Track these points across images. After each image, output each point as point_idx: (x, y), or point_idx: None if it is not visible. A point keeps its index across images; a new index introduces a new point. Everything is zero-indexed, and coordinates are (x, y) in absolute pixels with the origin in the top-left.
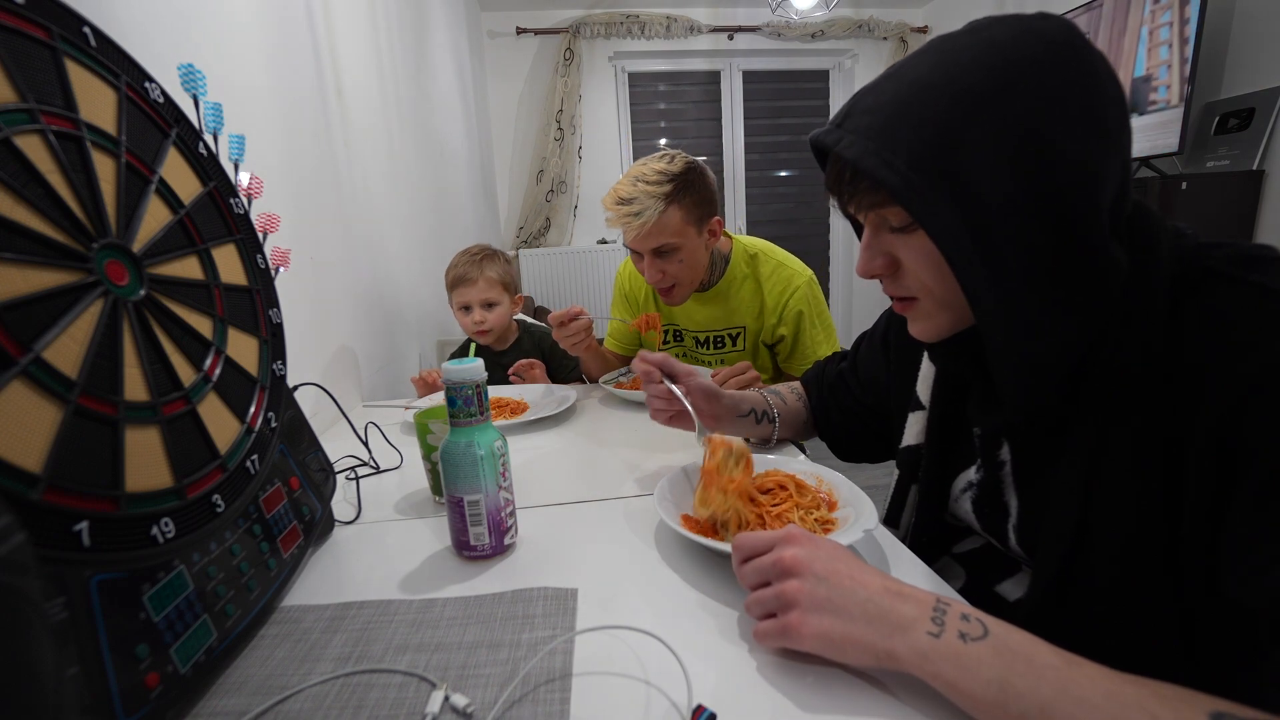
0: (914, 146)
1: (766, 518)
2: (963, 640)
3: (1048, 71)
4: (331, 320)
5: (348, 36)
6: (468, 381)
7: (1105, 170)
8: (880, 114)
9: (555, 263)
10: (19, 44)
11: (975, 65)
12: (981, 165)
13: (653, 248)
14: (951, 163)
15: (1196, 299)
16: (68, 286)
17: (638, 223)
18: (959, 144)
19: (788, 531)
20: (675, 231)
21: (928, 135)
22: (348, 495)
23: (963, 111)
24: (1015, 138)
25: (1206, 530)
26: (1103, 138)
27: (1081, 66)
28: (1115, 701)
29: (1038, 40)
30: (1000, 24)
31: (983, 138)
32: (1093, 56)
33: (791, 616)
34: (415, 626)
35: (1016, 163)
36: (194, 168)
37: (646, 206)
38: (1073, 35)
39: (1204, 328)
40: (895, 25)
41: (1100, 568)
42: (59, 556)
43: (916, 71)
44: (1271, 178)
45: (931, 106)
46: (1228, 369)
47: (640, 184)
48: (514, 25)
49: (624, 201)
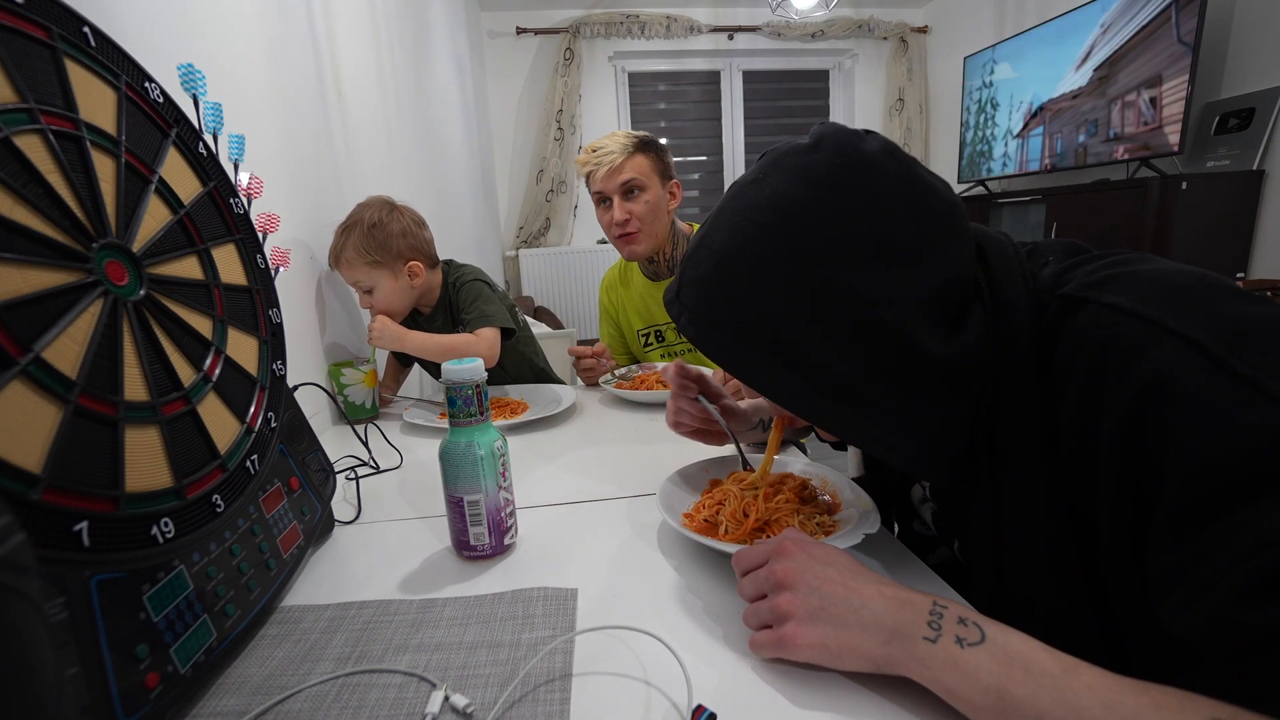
0: (736, 325)
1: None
2: (960, 646)
3: (825, 219)
4: (332, 320)
5: (348, 37)
6: (467, 381)
7: (911, 286)
8: (702, 289)
9: (555, 263)
10: (19, 44)
11: (764, 228)
12: (797, 327)
13: (620, 182)
14: (772, 334)
15: (1063, 328)
16: (68, 286)
17: (608, 159)
18: (771, 313)
19: (781, 543)
20: (641, 171)
21: (742, 315)
22: (348, 495)
23: (764, 283)
24: (812, 293)
25: (1126, 553)
26: (896, 260)
27: (855, 199)
28: (1114, 712)
29: (810, 186)
30: (780, 165)
31: (789, 304)
32: (873, 179)
33: (786, 629)
34: (415, 626)
35: (825, 316)
36: (194, 168)
37: (615, 150)
38: (843, 165)
39: (1075, 357)
40: (895, 25)
41: (1021, 590)
42: (59, 556)
43: (720, 240)
44: (1271, 178)
45: (738, 281)
46: (1111, 396)
47: (610, 138)
48: (514, 25)
49: (595, 149)
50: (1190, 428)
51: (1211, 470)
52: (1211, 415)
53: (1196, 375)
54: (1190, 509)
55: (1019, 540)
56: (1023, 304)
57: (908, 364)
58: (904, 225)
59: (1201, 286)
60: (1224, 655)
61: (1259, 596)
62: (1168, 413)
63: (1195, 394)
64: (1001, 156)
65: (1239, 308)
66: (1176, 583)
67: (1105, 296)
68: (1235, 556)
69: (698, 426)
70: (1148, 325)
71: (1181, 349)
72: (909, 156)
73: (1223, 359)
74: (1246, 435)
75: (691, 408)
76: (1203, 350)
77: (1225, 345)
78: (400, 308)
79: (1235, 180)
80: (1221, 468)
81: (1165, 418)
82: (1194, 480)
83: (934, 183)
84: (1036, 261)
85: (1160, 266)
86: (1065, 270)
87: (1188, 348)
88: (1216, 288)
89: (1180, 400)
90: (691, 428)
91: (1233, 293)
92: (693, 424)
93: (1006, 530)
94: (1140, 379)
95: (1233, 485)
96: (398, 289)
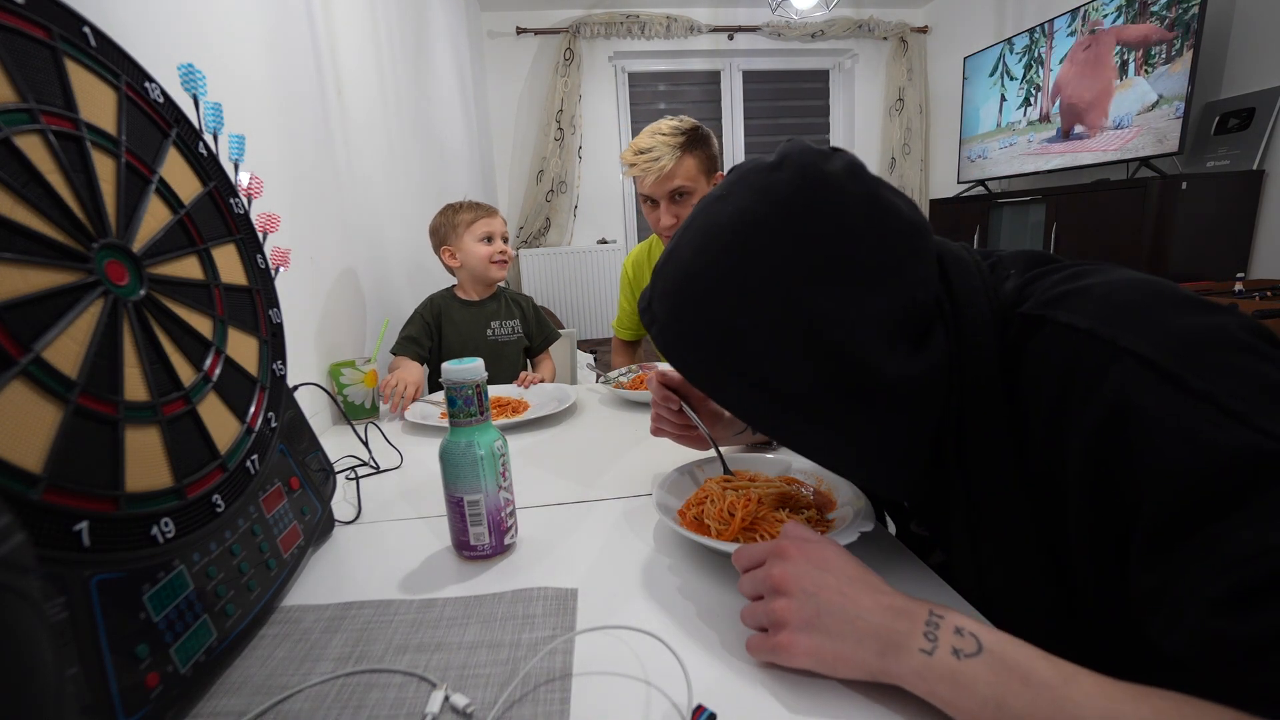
0: (700, 342)
1: (761, 526)
2: (956, 657)
3: (783, 239)
4: (331, 320)
5: (348, 37)
6: (468, 381)
7: (869, 307)
8: (669, 303)
9: (555, 263)
10: (19, 44)
11: (726, 246)
12: (757, 345)
13: (670, 189)
14: (734, 352)
15: (1024, 346)
16: (68, 286)
17: (657, 166)
18: (732, 331)
19: (780, 544)
20: (690, 176)
21: (705, 333)
22: (348, 495)
23: (725, 302)
24: (770, 312)
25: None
26: (853, 281)
27: (814, 220)
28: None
29: (770, 205)
30: (744, 183)
31: (749, 322)
32: (833, 200)
33: (781, 636)
34: (415, 626)
35: (783, 336)
36: (194, 168)
37: (664, 154)
38: (804, 185)
39: (1039, 381)
40: (895, 25)
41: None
42: (59, 556)
43: (687, 255)
44: (1271, 178)
45: (701, 298)
46: (1075, 421)
47: (657, 136)
48: (514, 25)
49: (643, 151)
50: (1155, 449)
51: (1181, 490)
52: (1174, 435)
53: (1155, 397)
54: (1164, 529)
55: (996, 551)
56: (985, 324)
57: (865, 384)
58: (863, 246)
59: (1152, 299)
60: (1211, 668)
61: (1240, 607)
62: (1131, 435)
63: (1156, 417)
64: (1001, 156)
65: (1189, 320)
66: (1159, 601)
67: (1062, 315)
68: (1213, 570)
69: (677, 434)
70: (1102, 345)
71: (1137, 369)
72: (873, 177)
73: (1179, 377)
74: (1210, 452)
75: (672, 417)
76: (1159, 370)
77: (1179, 362)
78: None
79: (1235, 180)
80: (1190, 486)
81: (1130, 440)
82: (1165, 501)
83: (896, 203)
84: (999, 275)
85: (1113, 278)
86: (1026, 285)
87: (1144, 368)
88: (1166, 299)
89: (1143, 423)
90: (672, 435)
91: (1182, 303)
92: (673, 431)
93: (983, 543)
94: (1102, 404)
95: (1202, 502)
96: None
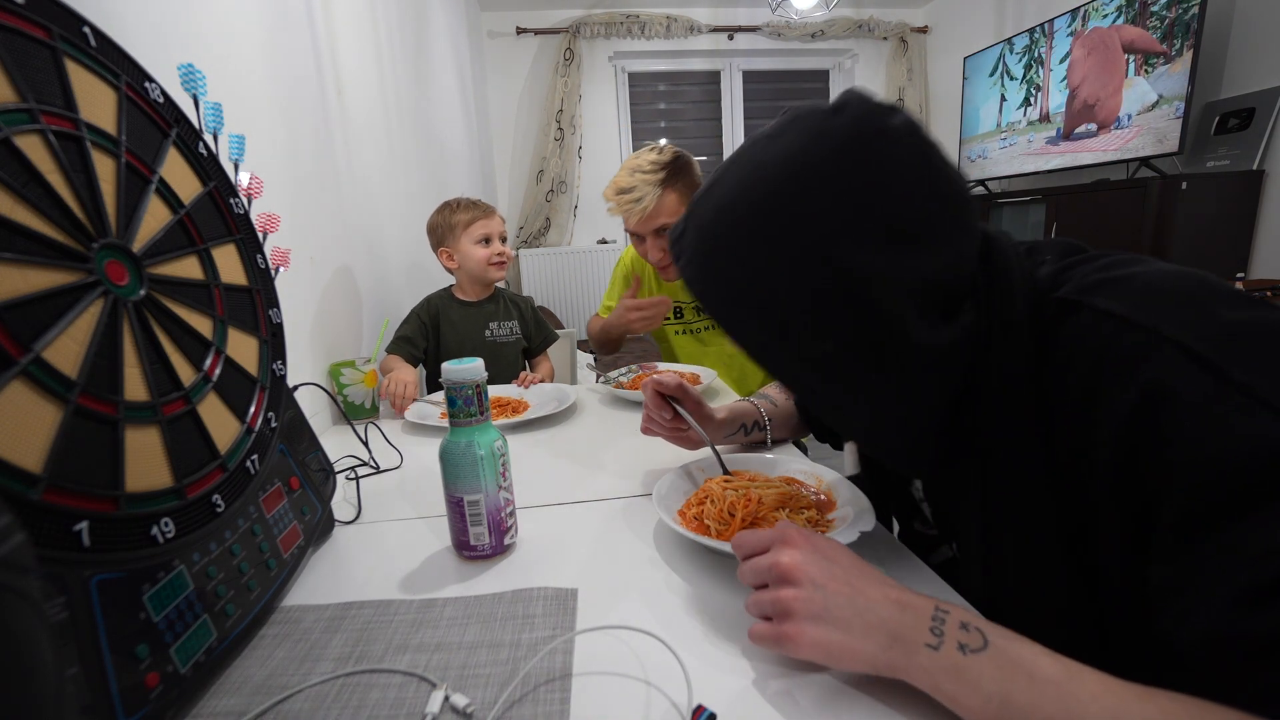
0: (730, 281)
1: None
2: (962, 652)
3: (830, 187)
4: (331, 320)
5: (348, 36)
6: (468, 381)
7: (908, 269)
8: (703, 236)
9: (555, 262)
10: (19, 44)
11: (770, 188)
12: (786, 294)
13: (654, 229)
14: (761, 297)
15: (1057, 330)
16: (68, 286)
17: (639, 208)
18: (763, 275)
19: (784, 532)
20: (672, 212)
21: (736, 273)
22: (348, 495)
23: (759, 245)
24: (806, 262)
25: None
26: (895, 240)
27: (865, 172)
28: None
29: (823, 150)
30: (798, 124)
31: (781, 269)
32: (888, 154)
33: (788, 626)
34: (415, 626)
35: (814, 287)
36: (194, 168)
37: (645, 193)
38: (861, 134)
39: (1070, 364)
40: (895, 25)
41: (1009, 590)
42: (59, 556)
43: (726, 188)
44: (1271, 178)
45: (736, 236)
46: (1107, 406)
47: (637, 174)
48: (514, 25)
49: (624, 191)
50: (1189, 439)
51: (1211, 481)
52: (1211, 426)
53: (1194, 385)
54: (1191, 520)
55: (1006, 539)
56: (1020, 304)
57: (891, 347)
58: (910, 206)
59: (1199, 291)
60: (1224, 662)
61: (1259, 603)
62: (1166, 424)
63: (1194, 404)
64: (1001, 156)
65: (1237, 313)
66: (1177, 593)
67: (1100, 301)
68: (1236, 565)
69: (667, 435)
70: (1144, 333)
71: (1179, 358)
72: (931, 139)
73: (1221, 368)
74: (1246, 445)
75: (664, 422)
76: (1200, 359)
77: (1223, 354)
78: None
79: (1235, 180)
80: (1222, 478)
81: (1164, 429)
82: (1194, 491)
83: (950, 170)
84: (1034, 260)
85: (1156, 269)
86: (1061, 271)
87: (1185, 357)
88: (1214, 292)
89: (1179, 411)
90: (664, 436)
91: (1230, 296)
92: (663, 434)
93: (993, 529)
94: (1137, 389)
95: (1233, 496)
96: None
